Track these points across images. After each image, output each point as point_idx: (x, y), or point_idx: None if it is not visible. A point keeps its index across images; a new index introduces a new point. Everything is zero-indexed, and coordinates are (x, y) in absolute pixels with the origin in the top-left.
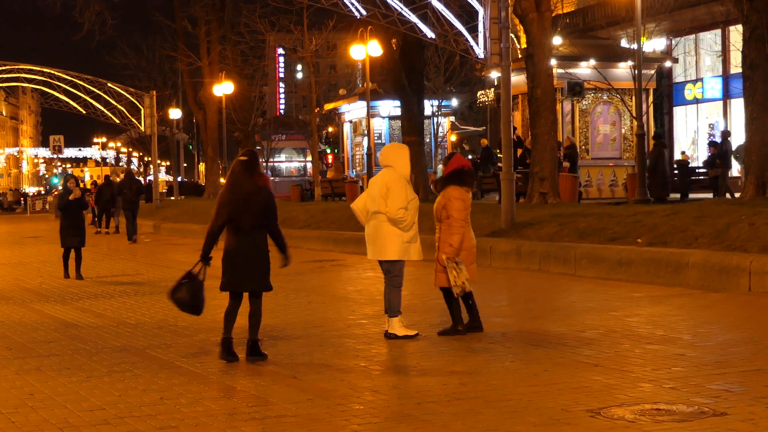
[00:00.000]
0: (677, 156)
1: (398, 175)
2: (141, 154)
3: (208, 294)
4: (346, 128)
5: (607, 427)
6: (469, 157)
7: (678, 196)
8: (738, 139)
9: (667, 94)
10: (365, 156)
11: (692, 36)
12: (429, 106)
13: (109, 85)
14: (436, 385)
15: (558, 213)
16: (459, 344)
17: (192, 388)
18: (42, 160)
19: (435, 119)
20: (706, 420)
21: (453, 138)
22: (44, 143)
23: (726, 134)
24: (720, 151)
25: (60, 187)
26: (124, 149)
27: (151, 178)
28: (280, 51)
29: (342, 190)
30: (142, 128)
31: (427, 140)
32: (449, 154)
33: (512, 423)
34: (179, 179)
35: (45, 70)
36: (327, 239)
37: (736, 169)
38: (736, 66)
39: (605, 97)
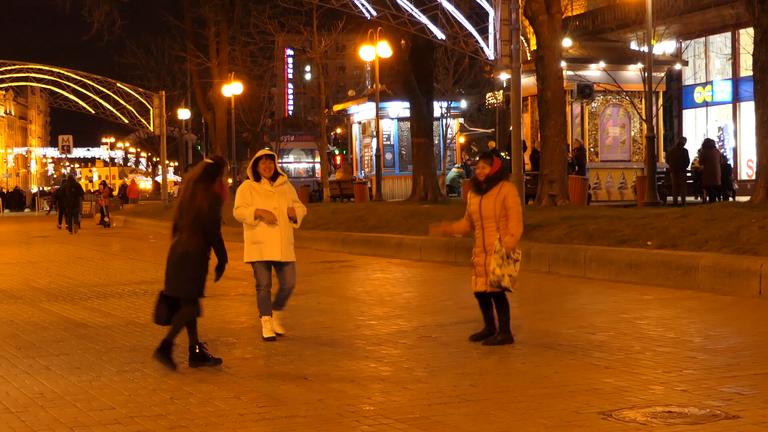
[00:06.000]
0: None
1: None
2: (149, 154)
3: (221, 292)
4: (355, 129)
5: (619, 430)
6: (477, 159)
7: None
8: (746, 141)
9: (676, 97)
10: (374, 157)
11: (702, 39)
12: (438, 108)
13: (118, 85)
14: (446, 387)
15: (567, 215)
16: (469, 346)
17: (202, 388)
18: (50, 160)
19: (444, 121)
20: (718, 423)
21: (462, 140)
22: (53, 143)
23: (683, 141)
24: (677, 156)
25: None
26: (132, 149)
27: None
28: (289, 52)
29: (350, 191)
30: (151, 128)
31: (436, 142)
32: (485, 153)
33: (523, 425)
34: None
35: (54, 69)
36: (335, 240)
37: (746, 173)
38: (746, 69)
39: (615, 100)
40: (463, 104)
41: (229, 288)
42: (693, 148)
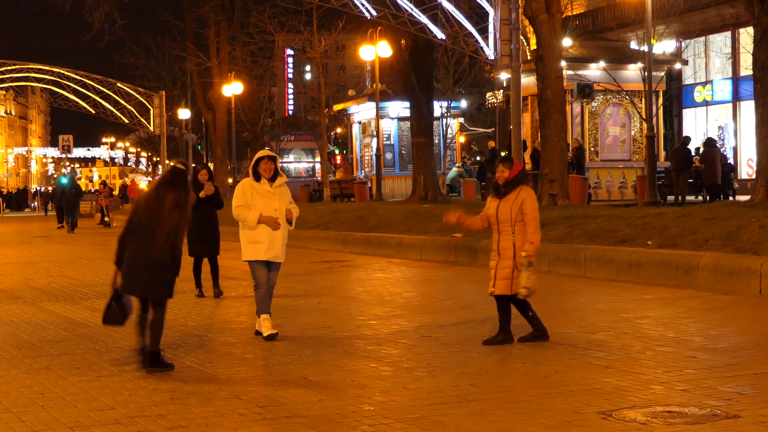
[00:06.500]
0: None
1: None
2: (150, 154)
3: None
4: (355, 129)
5: (619, 429)
6: (477, 158)
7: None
8: (746, 140)
9: (676, 96)
10: (374, 157)
11: (702, 38)
12: (438, 108)
13: (119, 84)
14: (446, 387)
15: (567, 215)
16: (469, 346)
17: (202, 388)
18: (51, 160)
19: (444, 120)
20: (719, 422)
21: (462, 139)
22: (53, 143)
23: (686, 140)
24: (680, 156)
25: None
26: (132, 149)
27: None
28: (289, 51)
29: (351, 191)
30: (151, 128)
31: (436, 141)
32: (504, 157)
33: (523, 425)
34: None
35: (54, 69)
36: (335, 240)
37: (746, 172)
38: (746, 68)
39: (615, 99)
40: (463, 104)
41: (229, 288)
42: (693, 147)
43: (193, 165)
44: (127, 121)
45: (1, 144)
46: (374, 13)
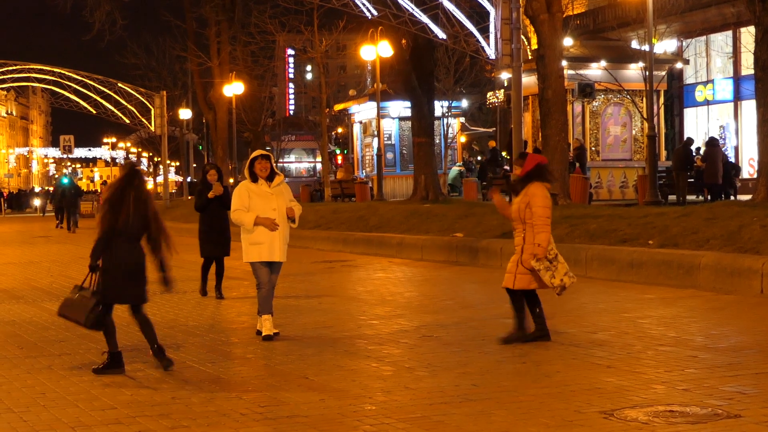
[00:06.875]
0: None
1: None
2: (150, 154)
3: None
4: (356, 129)
5: (621, 429)
6: (479, 158)
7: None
8: (747, 140)
9: (677, 96)
10: (375, 157)
11: (703, 37)
12: (439, 107)
13: (120, 85)
14: (448, 386)
15: (568, 214)
16: (471, 345)
17: (204, 388)
18: (52, 160)
19: (445, 120)
20: (720, 422)
21: (463, 139)
22: (54, 143)
23: (689, 141)
24: (681, 156)
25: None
26: (133, 149)
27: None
28: (290, 51)
29: (352, 190)
30: (152, 128)
31: (437, 141)
32: (520, 153)
33: (525, 424)
34: (188, 179)
35: (55, 69)
36: (336, 240)
37: (747, 172)
38: (747, 68)
39: (616, 99)
40: (464, 103)
41: (230, 288)
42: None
43: (194, 165)
44: (128, 121)
45: (3, 144)
46: (375, 12)
